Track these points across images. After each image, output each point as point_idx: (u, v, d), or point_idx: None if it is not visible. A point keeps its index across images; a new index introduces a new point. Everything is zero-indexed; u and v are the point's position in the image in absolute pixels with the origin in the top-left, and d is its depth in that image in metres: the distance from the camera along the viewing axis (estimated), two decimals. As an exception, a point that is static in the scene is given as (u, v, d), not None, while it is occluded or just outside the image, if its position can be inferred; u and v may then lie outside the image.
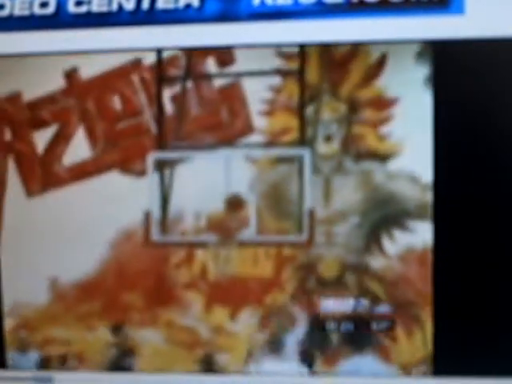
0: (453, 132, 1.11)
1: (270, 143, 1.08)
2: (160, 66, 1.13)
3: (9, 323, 1.17)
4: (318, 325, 1.10)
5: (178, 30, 1.17)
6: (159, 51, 1.15)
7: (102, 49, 1.17)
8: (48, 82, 1.17)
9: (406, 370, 1.12)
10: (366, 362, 1.12)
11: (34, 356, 1.19)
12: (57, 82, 1.17)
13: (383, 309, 1.12)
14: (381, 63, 1.10)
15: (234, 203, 1.06)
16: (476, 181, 1.09)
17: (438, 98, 1.10)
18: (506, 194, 1.09)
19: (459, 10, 1.12)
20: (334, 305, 1.12)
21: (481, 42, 1.12)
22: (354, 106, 1.10)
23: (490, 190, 1.09)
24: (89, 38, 1.17)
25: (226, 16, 1.17)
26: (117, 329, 1.17)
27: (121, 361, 1.19)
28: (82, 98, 1.16)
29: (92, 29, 1.17)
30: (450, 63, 1.11)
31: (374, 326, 1.11)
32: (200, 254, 1.13)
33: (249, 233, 1.11)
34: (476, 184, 1.09)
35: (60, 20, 1.18)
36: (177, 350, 1.16)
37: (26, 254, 1.17)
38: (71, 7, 1.18)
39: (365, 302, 1.12)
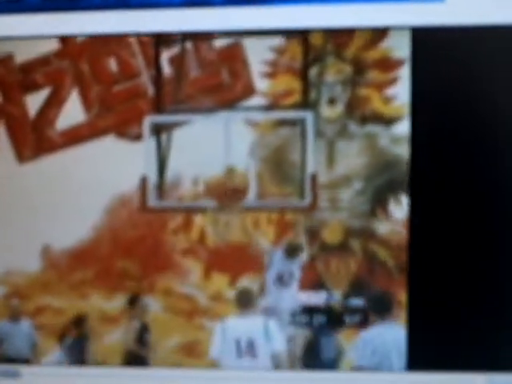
0: (431, 122, 1.11)
1: (272, 106, 1.06)
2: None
3: (0, 291, 1.14)
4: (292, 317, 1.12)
5: (150, 15, 1.13)
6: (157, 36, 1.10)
7: (73, 33, 1.15)
8: (42, 44, 1.12)
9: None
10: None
11: (25, 325, 1.15)
12: (51, 44, 1.12)
13: (356, 302, 1.11)
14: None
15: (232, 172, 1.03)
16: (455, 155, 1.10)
17: (417, 87, 1.09)
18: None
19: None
20: (306, 297, 1.12)
21: (461, 29, 1.09)
22: (359, 68, 1.07)
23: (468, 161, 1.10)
24: (60, 21, 1.14)
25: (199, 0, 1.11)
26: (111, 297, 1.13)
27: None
28: (76, 59, 1.12)
29: (61, 12, 1.14)
30: (429, 50, 1.09)
31: (347, 319, 1.12)
32: (198, 220, 1.10)
33: (249, 198, 1.08)
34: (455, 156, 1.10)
35: (29, 3, 1.15)
36: (175, 319, 1.13)
37: (18, 220, 1.14)
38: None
39: (337, 295, 1.11)
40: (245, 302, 1.17)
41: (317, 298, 1.12)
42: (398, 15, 1.09)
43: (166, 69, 1.13)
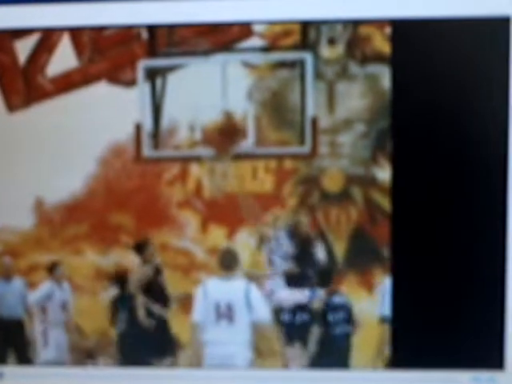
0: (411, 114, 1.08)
1: (270, 47, 1.02)
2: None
3: (-9, 249, 1.11)
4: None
5: (123, 7, 1.11)
6: None
7: (59, 26, 1.12)
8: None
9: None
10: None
11: (18, 283, 1.12)
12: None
13: (339, 299, 1.08)
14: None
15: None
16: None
17: (396, 78, 1.07)
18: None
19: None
20: (288, 295, 1.09)
21: (439, 21, 1.07)
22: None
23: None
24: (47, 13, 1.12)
25: None
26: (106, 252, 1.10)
27: (110, 284, 1.13)
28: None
29: (52, 4, 1.12)
30: (410, 42, 1.07)
31: (331, 317, 1.08)
32: (195, 170, 1.07)
33: (246, 145, 1.04)
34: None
35: None
36: (171, 273, 1.10)
37: (8, 174, 1.11)
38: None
39: (320, 293, 1.08)
40: (227, 264, 1.13)
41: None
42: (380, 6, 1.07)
43: (160, 10, 1.09)
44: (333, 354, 1.13)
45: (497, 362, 1.09)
